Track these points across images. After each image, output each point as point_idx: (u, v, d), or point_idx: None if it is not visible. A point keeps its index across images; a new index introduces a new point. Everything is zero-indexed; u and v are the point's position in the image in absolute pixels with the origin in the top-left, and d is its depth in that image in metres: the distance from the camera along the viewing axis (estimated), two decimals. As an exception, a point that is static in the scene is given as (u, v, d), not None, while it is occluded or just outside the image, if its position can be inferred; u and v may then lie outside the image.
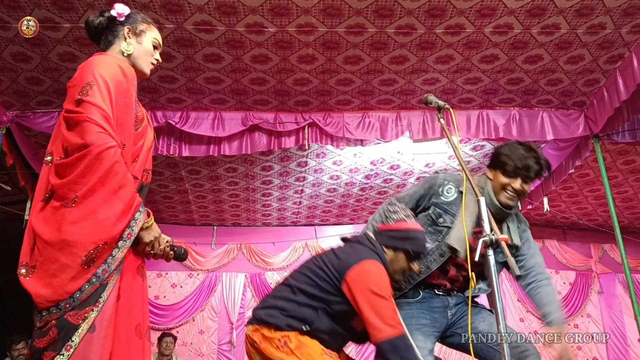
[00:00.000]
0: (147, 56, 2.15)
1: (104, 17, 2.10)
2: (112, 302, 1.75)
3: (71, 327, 1.65)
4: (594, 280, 9.12)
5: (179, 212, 8.26)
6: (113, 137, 1.78)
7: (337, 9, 4.04)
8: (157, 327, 7.92)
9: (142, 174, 2.00)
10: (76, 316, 1.67)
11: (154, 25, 2.21)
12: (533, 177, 2.46)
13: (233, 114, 5.36)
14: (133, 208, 1.80)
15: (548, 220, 8.84)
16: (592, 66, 4.84)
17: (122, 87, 1.91)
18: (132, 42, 2.10)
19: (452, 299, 2.55)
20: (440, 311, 2.52)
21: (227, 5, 3.95)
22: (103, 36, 2.11)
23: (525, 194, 2.50)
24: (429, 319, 2.49)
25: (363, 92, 5.19)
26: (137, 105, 2.05)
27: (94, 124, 1.76)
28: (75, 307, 1.67)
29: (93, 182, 1.73)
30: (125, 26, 2.10)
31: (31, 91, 4.90)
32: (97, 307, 1.70)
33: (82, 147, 1.75)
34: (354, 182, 7.40)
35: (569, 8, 4.08)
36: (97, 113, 1.78)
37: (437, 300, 2.53)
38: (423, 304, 2.53)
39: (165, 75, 4.79)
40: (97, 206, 1.73)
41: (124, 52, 2.08)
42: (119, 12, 2.09)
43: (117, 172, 1.76)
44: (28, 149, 5.39)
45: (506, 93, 5.26)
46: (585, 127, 5.42)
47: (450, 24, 4.23)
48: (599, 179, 6.63)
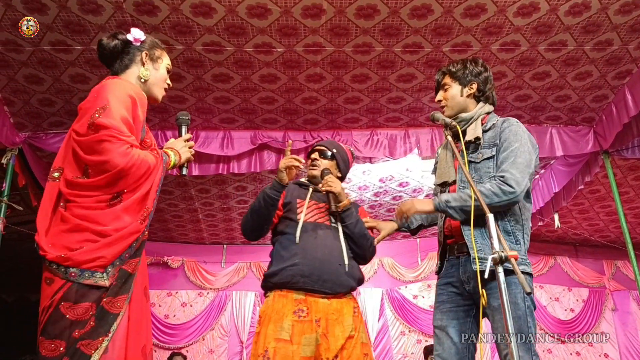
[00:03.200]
0: (162, 82, 2.17)
1: (119, 40, 2.09)
2: (122, 327, 1.76)
3: (84, 356, 1.65)
4: (607, 298, 9.01)
5: (189, 231, 8.28)
6: (131, 144, 1.85)
7: (344, 29, 4.08)
8: (167, 346, 7.91)
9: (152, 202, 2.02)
10: (89, 346, 1.67)
11: (166, 50, 2.23)
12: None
13: (242, 132, 5.40)
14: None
15: (559, 236, 8.77)
16: (600, 82, 4.83)
17: (133, 113, 1.94)
18: (150, 67, 2.11)
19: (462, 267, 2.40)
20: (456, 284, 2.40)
21: (235, 26, 4.01)
22: (118, 59, 2.09)
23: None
24: (447, 295, 2.41)
25: (371, 110, 5.21)
26: (146, 132, 2.07)
27: (111, 142, 1.79)
28: (87, 337, 1.68)
29: (128, 186, 1.89)
30: (143, 51, 2.10)
31: (43, 112, 4.97)
32: (107, 337, 1.71)
33: (104, 164, 1.81)
34: (363, 200, 7.39)
35: (575, 25, 4.10)
36: (115, 132, 1.81)
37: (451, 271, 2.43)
38: (441, 279, 2.46)
39: (175, 95, 4.85)
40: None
41: (142, 77, 2.08)
42: (136, 37, 2.09)
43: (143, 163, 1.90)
44: (40, 169, 5.45)
45: (514, 110, 5.26)
46: (594, 143, 5.41)
47: (457, 42, 4.25)
48: (610, 195, 6.58)
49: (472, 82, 2.50)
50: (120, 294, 1.78)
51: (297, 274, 2.36)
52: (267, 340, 2.25)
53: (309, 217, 2.56)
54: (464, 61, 2.55)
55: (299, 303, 2.34)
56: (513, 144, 2.30)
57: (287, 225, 2.54)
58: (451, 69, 2.54)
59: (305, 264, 2.38)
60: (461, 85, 2.50)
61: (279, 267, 2.40)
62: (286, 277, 2.36)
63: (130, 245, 1.82)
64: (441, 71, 2.59)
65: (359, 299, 8.60)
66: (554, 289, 8.92)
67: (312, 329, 2.29)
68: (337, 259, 2.47)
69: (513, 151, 2.27)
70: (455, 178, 2.42)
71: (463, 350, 2.32)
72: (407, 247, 8.98)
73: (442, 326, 2.37)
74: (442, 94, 2.55)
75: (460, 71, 2.51)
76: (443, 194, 2.32)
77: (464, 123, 2.45)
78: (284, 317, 2.30)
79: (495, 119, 2.46)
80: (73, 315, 1.68)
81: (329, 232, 2.55)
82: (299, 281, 2.35)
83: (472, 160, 2.39)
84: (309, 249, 2.43)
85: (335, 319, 2.37)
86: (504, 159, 2.28)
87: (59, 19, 3.85)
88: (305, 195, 2.65)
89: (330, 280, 2.40)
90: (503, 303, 1.72)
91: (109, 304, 1.75)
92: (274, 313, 2.32)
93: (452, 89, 2.51)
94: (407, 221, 2.70)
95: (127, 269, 1.83)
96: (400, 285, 8.80)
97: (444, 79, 2.56)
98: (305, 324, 2.29)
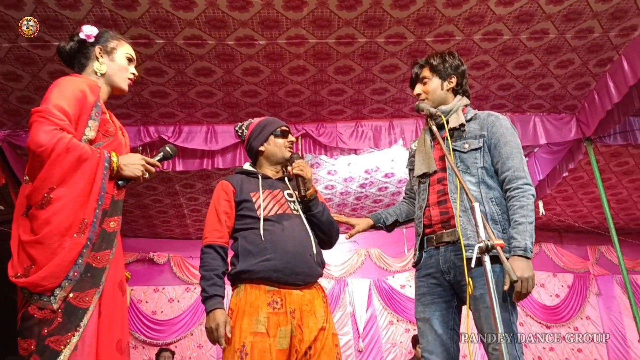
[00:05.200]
0: (123, 72, 2.14)
1: (74, 42, 2.11)
2: (93, 322, 1.74)
3: (53, 353, 1.64)
4: (591, 283, 9.14)
5: (174, 227, 8.23)
6: (63, 127, 1.80)
7: (326, 20, 4.05)
8: (155, 342, 7.87)
9: (113, 188, 1.95)
10: (57, 342, 1.65)
11: (125, 40, 2.21)
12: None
13: (226, 127, 5.35)
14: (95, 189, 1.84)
15: (544, 223, 8.85)
16: (582, 70, 4.86)
17: (80, 102, 1.91)
18: (105, 60, 2.10)
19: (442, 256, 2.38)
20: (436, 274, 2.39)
21: (216, 20, 3.96)
22: (76, 60, 2.11)
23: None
24: (427, 287, 2.40)
25: (355, 102, 5.20)
26: (110, 119, 2.05)
27: (39, 122, 1.78)
28: (55, 333, 1.66)
29: (58, 178, 1.77)
30: (97, 46, 2.10)
31: (22, 110, 4.89)
32: (77, 332, 1.68)
33: (29, 145, 1.78)
34: (349, 192, 7.40)
35: (556, 13, 4.11)
36: (44, 113, 1.80)
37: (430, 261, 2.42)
38: (420, 271, 2.46)
39: (156, 90, 4.79)
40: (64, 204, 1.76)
41: (97, 71, 2.08)
42: (88, 34, 2.09)
43: (74, 161, 1.79)
44: (20, 168, 5.36)
45: (497, 99, 5.27)
46: (577, 130, 5.45)
47: (439, 32, 4.25)
48: (593, 181, 6.66)
49: (451, 75, 2.50)
50: (89, 289, 1.75)
51: (270, 269, 2.28)
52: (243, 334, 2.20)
53: (269, 211, 2.43)
54: (442, 54, 2.54)
55: (273, 295, 2.28)
56: (510, 139, 2.34)
57: (247, 223, 2.41)
58: (431, 62, 2.53)
59: (277, 259, 2.29)
60: (441, 79, 2.50)
61: (249, 264, 2.30)
62: (258, 272, 2.29)
63: (75, 262, 1.73)
64: (419, 64, 2.57)
65: (347, 290, 8.63)
66: (539, 275, 9.02)
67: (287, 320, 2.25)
68: (307, 249, 2.39)
69: (514, 147, 2.33)
70: (437, 169, 2.41)
71: (447, 340, 2.33)
72: (394, 237, 8.99)
73: (424, 318, 2.37)
74: (422, 87, 2.54)
75: (440, 65, 2.51)
76: (517, 241, 2.16)
77: (445, 115, 2.46)
78: (258, 310, 2.24)
79: (473, 112, 2.48)
80: (40, 314, 1.67)
81: (294, 222, 2.44)
82: (272, 276, 2.29)
83: (458, 149, 2.39)
84: (279, 243, 2.34)
85: (308, 310, 2.33)
86: (508, 154, 2.31)
87: (36, 15, 3.77)
88: (257, 186, 2.50)
89: (303, 273, 2.35)
90: (490, 291, 1.74)
91: (76, 299, 1.72)
92: (247, 306, 2.25)
93: (431, 83, 2.51)
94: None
95: (93, 264, 1.79)
96: (387, 275, 8.84)
97: (423, 72, 2.54)
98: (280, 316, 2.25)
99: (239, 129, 2.72)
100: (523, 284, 2.06)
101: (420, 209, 2.50)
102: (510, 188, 2.27)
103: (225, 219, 2.43)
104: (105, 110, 2.03)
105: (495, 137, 2.35)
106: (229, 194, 2.48)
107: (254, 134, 2.63)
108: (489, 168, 2.36)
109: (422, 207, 2.48)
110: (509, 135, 2.35)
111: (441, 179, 2.41)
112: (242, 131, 2.69)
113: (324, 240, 2.57)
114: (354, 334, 8.41)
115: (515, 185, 2.26)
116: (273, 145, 2.60)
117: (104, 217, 1.85)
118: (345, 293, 8.65)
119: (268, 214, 2.42)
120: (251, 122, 2.70)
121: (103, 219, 1.84)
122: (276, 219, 2.41)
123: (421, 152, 2.52)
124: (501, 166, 2.32)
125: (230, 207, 2.46)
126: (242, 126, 2.71)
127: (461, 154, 2.39)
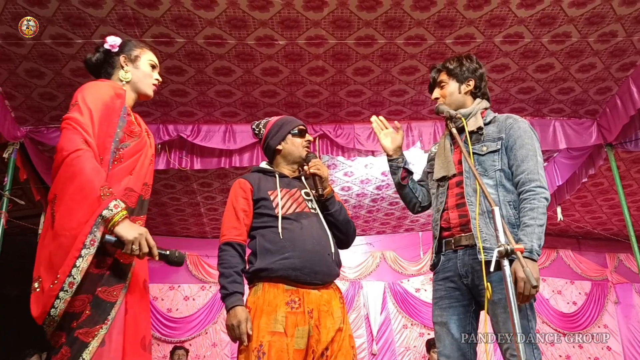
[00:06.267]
0: (147, 78, 2.22)
1: (100, 52, 2.21)
2: (120, 317, 1.79)
3: (82, 345, 1.70)
4: (610, 291, 9.01)
5: (191, 225, 8.28)
6: (85, 139, 1.82)
7: (346, 21, 4.05)
8: (170, 339, 7.92)
9: (141, 187, 2.02)
10: (86, 334, 1.71)
11: (147, 48, 2.30)
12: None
13: (244, 126, 5.37)
14: (95, 212, 1.73)
15: (562, 229, 8.75)
16: (604, 74, 4.80)
17: (107, 105, 1.96)
18: (129, 68, 2.18)
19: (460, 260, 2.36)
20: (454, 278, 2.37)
21: (237, 19, 3.98)
22: (102, 70, 2.20)
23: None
24: (444, 290, 2.39)
25: (373, 103, 5.19)
26: (135, 121, 2.10)
27: (68, 129, 1.82)
28: (84, 326, 1.71)
29: (59, 190, 1.77)
30: (121, 55, 2.19)
31: (44, 106, 4.95)
32: (105, 325, 1.74)
33: (59, 150, 1.81)
34: (365, 194, 7.38)
35: (579, 16, 4.06)
36: (72, 122, 1.84)
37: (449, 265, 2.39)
38: (437, 275, 2.44)
39: (176, 89, 4.83)
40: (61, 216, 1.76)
41: (123, 79, 2.16)
42: (112, 44, 2.19)
43: (80, 174, 1.76)
44: (41, 163, 5.44)
45: (517, 102, 5.23)
46: (598, 135, 5.38)
47: (460, 34, 4.22)
48: (613, 187, 6.57)
49: (469, 78, 2.51)
50: (116, 283, 1.81)
51: (289, 267, 2.27)
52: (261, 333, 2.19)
53: (287, 209, 2.42)
54: (459, 58, 2.55)
55: (291, 294, 2.27)
56: (527, 141, 2.32)
57: (265, 221, 2.41)
58: (448, 66, 2.54)
59: (296, 257, 2.29)
60: (458, 82, 2.51)
61: (268, 262, 2.30)
62: (277, 270, 2.28)
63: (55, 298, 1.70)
64: (436, 69, 2.59)
65: (362, 292, 8.61)
66: (557, 282, 8.92)
67: (305, 320, 2.24)
68: (326, 248, 2.39)
69: (530, 150, 2.31)
70: (455, 172, 2.42)
71: (465, 345, 2.31)
72: (410, 240, 8.97)
73: (442, 322, 2.35)
74: (439, 92, 2.55)
75: (457, 68, 2.51)
76: (524, 242, 2.14)
77: (464, 118, 2.45)
78: (277, 309, 2.23)
79: (492, 115, 2.48)
80: (70, 308, 1.72)
81: (312, 221, 2.44)
82: (291, 274, 2.29)
83: (476, 152, 2.38)
84: (297, 241, 2.33)
85: (326, 310, 2.32)
86: (523, 157, 2.29)
87: (60, 13, 3.82)
88: (274, 185, 2.50)
89: (322, 272, 2.34)
90: (509, 296, 1.72)
91: (104, 293, 1.78)
92: (265, 305, 2.25)
93: (449, 87, 2.51)
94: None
95: (120, 259, 1.85)
96: (402, 278, 8.80)
97: (440, 76, 2.56)
98: (298, 316, 2.24)
99: (256, 127, 2.72)
100: (526, 285, 2.03)
101: (438, 212, 2.49)
102: (523, 190, 2.26)
103: (243, 217, 2.43)
104: (130, 112, 2.09)
105: (512, 139, 2.35)
106: (246, 191, 2.48)
107: (271, 132, 2.64)
108: (506, 171, 2.35)
109: (440, 210, 2.47)
110: (526, 137, 2.33)
111: (459, 182, 2.40)
112: (260, 129, 2.70)
113: (341, 240, 2.57)
114: (368, 337, 8.39)
115: (528, 187, 2.24)
116: (290, 144, 2.61)
117: (130, 216, 1.88)
118: (360, 295, 8.62)
119: (286, 212, 2.42)
120: (269, 120, 2.71)
121: (130, 217, 1.87)
122: (294, 217, 2.41)
123: (441, 156, 2.52)
124: (516, 168, 2.31)
125: (248, 205, 2.46)
126: (259, 124, 2.72)
127: (479, 157, 2.38)
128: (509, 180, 2.34)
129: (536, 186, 2.23)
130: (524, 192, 2.25)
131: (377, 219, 8.35)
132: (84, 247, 1.69)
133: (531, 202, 2.21)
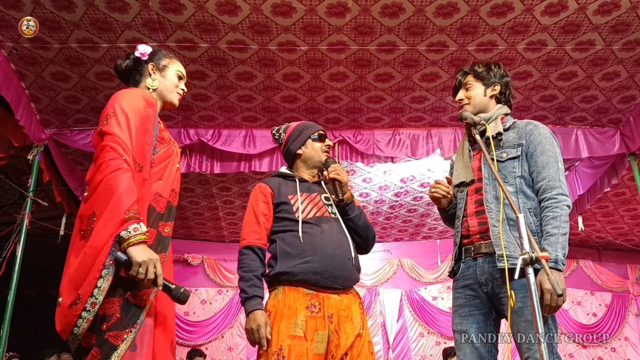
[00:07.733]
0: (173, 87, 2.28)
1: (130, 60, 2.27)
2: (149, 322, 1.83)
3: (112, 347, 1.72)
4: (631, 303, 8.86)
5: (210, 229, 8.33)
6: (126, 160, 1.83)
7: (368, 27, 4.06)
8: (186, 343, 7.95)
9: (169, 193, 2.05)
10: (116, 337, 1.73)
11: (176, 59, 2.36)
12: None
13: (264, 131, 5.40)
14: (115, 233, 1.75)
15: (582, 240, 8.64)
16: (628, 83, 4.75)
17: (142, 114, 2.00)
18: (157, 77, 2.24)
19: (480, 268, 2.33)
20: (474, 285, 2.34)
21: (260, 25, 4.01)
22: (131, 76, 2.26)
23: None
24: (464, 298, 2.37)
25: (394, 110, 5.19)
26: (164, 128, 2.16)
27: (107, 150, 1.83)
28: (114, 329, 1.74)
29: (97, 207, 1.78)
30: (150, 64, 2.25)
31: (69, 109, 5.03)
32: (135, 329, 1.77)
33: (96, 175, 1.82)
34: (383, 200, 7.36)
35: (604, 24, 4.03)
36: (112, 139, 1.85)
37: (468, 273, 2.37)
38: (457, 282, 2.42)
39: (198, 93, 4.87)
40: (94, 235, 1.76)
41: (150, 87, 2.22)
42: (142, 52, 2.25)
43: (114, 194, 1.77)
44: (64, 165, 5.52)
45: (539, 110, 5.19)
46: (621, 144, 5.32)
47: (482, 41, 4.21)
48: (636, 197, 6.48)
49: (495, 83, 2.51)
50: (145, 288, 1.83)
51: (310, 271, 2.27)
52: (281, 337, 2.19)
53: (307, 213, 2.43)
54: (487, 63, 2.57)
55: (311, 298, 2.27)
56: (548, 148, 2.30)
57: (286, 225, 2.42)
58: (476, 69, 2.55)
59: (317, 261, 2.29)
60: (485, 86, 2.51)
61: (288, 265, 2.30)
62: (297, 274, 2.28)
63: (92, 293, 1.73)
64: (463, 71, 2.60)
65: (378, 299, 8.58)
66: (576, 293, 8.80)
67: (325, 325, 2.24)
68: (346, 253, 2.39)
69: (551, 156, 2.29)
70: (474, 178, 2.41)
71: (485, 354, 2.29)
72: (427, 248, 8.92)
73: (462, 330, 2.33)
74: (464, 93, 2.55)
75: (484, 72, 2.53)
76: (549, 252, 2.10)
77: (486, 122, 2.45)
78: (297, 313, 2.23)
79: (512, 121, 2.47)
80: (101, 310, 1.75)
81: (333, 225, 2.44)
82: (311, 278, 2.28)
83: (496, 158, 2.37)
84: (318, 245, 2.33)
85: (346, 315, 2.32)
86: (544, 164, 2.27)
87: (86, 17, 3.89)
88: (294, 189, 2.51)
89: (342, 276, 2.34)
90: (533, 305, 1.70)
91: (134, 297, 1.81)
92: (285, 308, 2.25)
93: (475, 89, 2.52)
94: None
95: None
96: (419, 286, 8.75)
97: (467, 78, 2.57)
98: (318, 320, 2.23)
99: (276, 132, 2.74)
100: (552, 297, 2.01)
101: (459, 219, 2.47)
102: (545, 198, 2.23)
103: (263, 221, 2.45)
104: (159, 120, 2.14)
105: (533, 146, 2.33)
106: (267, 196, 2.50)
107: (292, 137, 2.65)
108: (527, 177, 2.33)
109: (460, 217, 2.45)
110: (547, 144, 2.31)
111: (479, 189, 2.39)
112: (280, 134, 2.71)
113: (361, 245, 2.57)
114: (384, 345, 8.34)
115: (550, 195, 2.22)
116: (311, 149, 2.62)
117: (159, 221, 1.94)
118: (377, 302, 8.59)
119: (307, 216, 2.42)
120: (289, 125, 2.73)
121: (158, 223, 1.93)
122: (315, 221, 2.42)
123: (460, 162, 2.52)
124: (536, 175, 2.29)
125: (268, 209, 2.47)
126: (279, 129, 2.74)
127: (499, 163, 2.37)
128: (529, 187, 2.31)
129: (558, 193, 2.21)
130: (546, 199, 2.22)
131: (394, 226, 8.32)
132: (104, 267, 1.72)
133: (554, 210, 2.19)
